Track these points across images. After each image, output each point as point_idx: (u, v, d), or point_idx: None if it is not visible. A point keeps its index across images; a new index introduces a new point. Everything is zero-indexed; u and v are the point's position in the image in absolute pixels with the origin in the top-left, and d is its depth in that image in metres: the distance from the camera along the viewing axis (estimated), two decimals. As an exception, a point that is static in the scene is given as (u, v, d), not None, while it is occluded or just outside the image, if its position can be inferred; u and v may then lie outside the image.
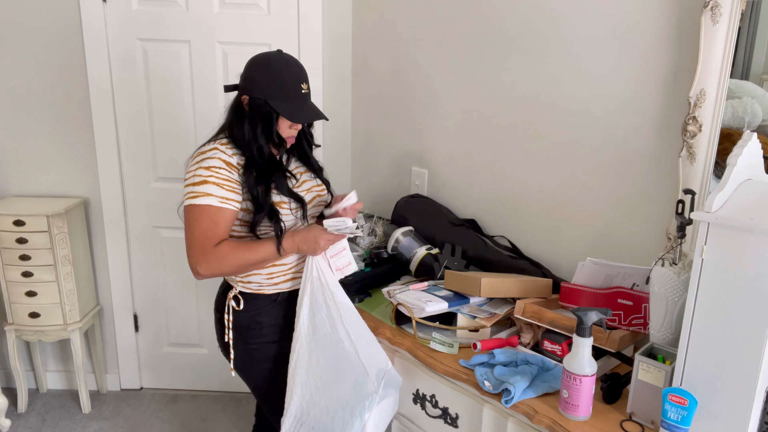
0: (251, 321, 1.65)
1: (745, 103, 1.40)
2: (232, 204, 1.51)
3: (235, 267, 1.53)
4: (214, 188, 1.49)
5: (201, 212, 1.49)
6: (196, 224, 1.49)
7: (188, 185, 1.52)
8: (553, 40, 1.77)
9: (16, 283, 2.45)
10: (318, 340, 1.59)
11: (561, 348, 1.48)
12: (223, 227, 1.51)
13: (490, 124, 2.00)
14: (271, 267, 1.63)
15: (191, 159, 1.56)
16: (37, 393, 2.81)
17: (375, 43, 2.39)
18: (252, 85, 1.54)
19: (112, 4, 2.37)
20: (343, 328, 1.57)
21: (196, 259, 1.50)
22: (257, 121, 1.54)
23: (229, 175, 1.51)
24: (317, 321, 1.58)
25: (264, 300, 1.66)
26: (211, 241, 1.49)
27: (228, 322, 1.66)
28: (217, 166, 1.50)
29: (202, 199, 1.48)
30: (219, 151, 1.53)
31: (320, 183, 1.73)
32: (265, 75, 1.54)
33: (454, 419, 1.53)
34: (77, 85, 2.47)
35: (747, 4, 1.35)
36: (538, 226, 1.92)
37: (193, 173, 1.51)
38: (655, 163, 1.59)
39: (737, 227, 1.09)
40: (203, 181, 1.49)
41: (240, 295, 1.65)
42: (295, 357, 1.59)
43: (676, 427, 1.19)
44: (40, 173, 2.58)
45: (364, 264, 2.00)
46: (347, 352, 1.57)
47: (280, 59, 1.56)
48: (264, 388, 1.73)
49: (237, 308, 1.65)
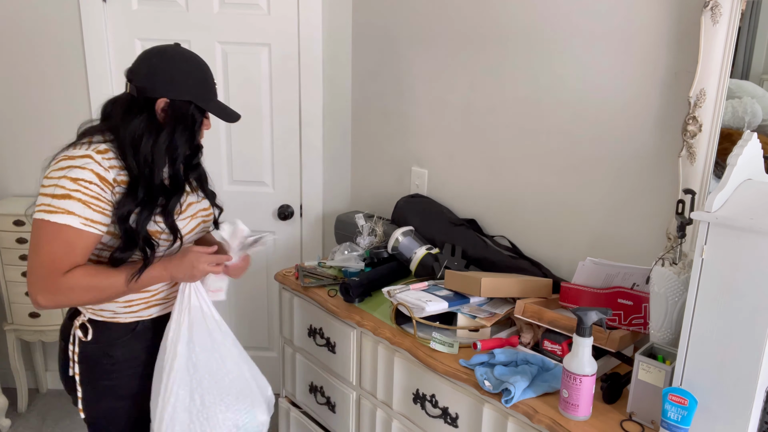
0: (102, 354, 1.40)
1: (745, 103, 1.40)
2: (97, 228, 1.26)
3: (85, 300, 1.30)
4: (78, 206, 1.22)
5: (56, 232, 1.22)
6: (47, 245, 1.23)
7: (45, 195, 1.24)
8: (553, 41, 1.77)
9: (16, 283, 2.44)
10: (201, 377, 1.40)
11: (561, 348, 1.48)
12: (80, 253, 1.25)
13: (491, 124, 2.00)
14: (128, 296, 1.40)
15: (54, 161, 1.28)
16: (37, 393, 2.81)
17: (375, 43, 2.39)
18: (170, 86, 1.30)
19: (112, 4, 2.37)
20: (232, 360, 1.45)
21: (38, 286, 1.23)
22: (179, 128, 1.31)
23: (101, 193, 1.25)
24: (200, 357, 1.40)
25: (118, 330, 1.41)
26: (61, 268, 1.24)
27: (73, 354, 1.40)
28: (88, 180, 1.24)
29: (61, 216, 1.22)
30: (93, 161, 1.25)
31: (207, 205, 1.51)
32: (186, 72, 1.33)
33: (454, 419, 1.53)
34: (77, 84, 2.46)
35: (747, 4, 1.35)
36: (538, 226, 1.92)
37: (54, 183, 1.24)
38: (655, 163, 1.59)
39: (737, 227, 1.09)
40: (66, 195, 1.22)
41: (88, 323, 1.40)
42: (172, 400, 1.37)
43: (676, 427, 1.19)
44: (40, 173, 2.57)
45: (364, 264, 2.00)
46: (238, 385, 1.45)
47: (194, 55, 1.37)
48: (105, 427, 1.48)
49: (84, 338, 1.39)
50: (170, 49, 1.36)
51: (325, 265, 2.07)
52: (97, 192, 1.25)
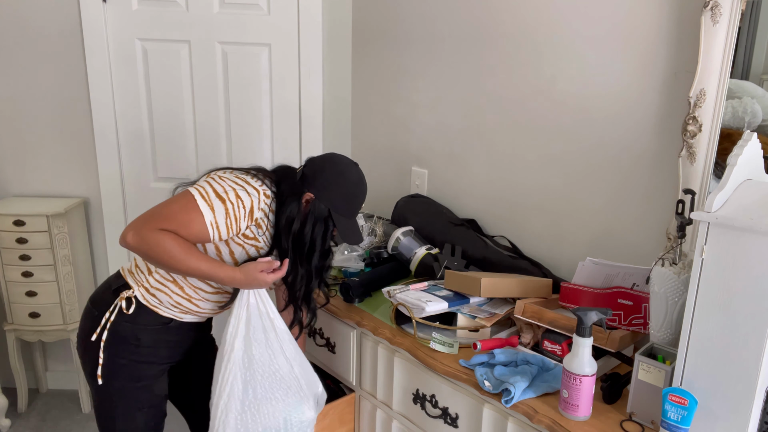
0: (131, 334, 1.51)
1: (745, 103, 1.40)
2: (215, 234, 1.42)
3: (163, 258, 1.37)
4: (221, 211, 1.40)
5: (191, 209, 1.39)
6: (175, 208, 1.39)
7: (209, 185, 1.43)
8: (554, 40, 1.77)
9: (16, 283, 2.45)
10: (255, 370, 1.50)
11: (561, 348, 1.48)
12: (187, 234, 1.39)
13: (490, 124, 2.00)
14: (185, 300, 1.53)
15: (234, 171, 1.49)
16: (37, 393, 2.81)
17: (375, 43, 2.39)
18: (323, 189, 1.50)
19: (112, 4, 2.37)
20: (284, 357, 1.53)
21: (136, 224, 1.36)
22: (317, 223, 1.51)
23: (241, 219, 1.43)
24: (254, 351, 1.50)
25: (155, 319, 1.52)
26: (165, 226, 1.36)
27: (106, 322, 1.49)
28: (244, 205, 1.43)
29: (204, 206, 1.39)
30: (258, 197, 1.45)
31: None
32: (341, 187, 1.52)
33: (454, 419, 1.53)
34: (77, 85, 2.47)
35: (747, 4, 1.34)
36: (538, 226, 1.92)
37: (224, 185, 1.43)
38: (655, 163, 1.59)
39: (737, 227, 1.09)
40: (223, 199, 1.41)
41: (134, 299, 1.50)
42: (227, 389, 1.48)
43: (676, 427, 1.19)
44: (40, 173, 2.58)
45: (364, 264, 2.00)
46: (287, 381, 1.53)
47: (360, 178, 1.56)
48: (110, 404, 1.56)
49: (126, 311, 1.49)
50: (344, 162, 1.57)
51: (325, 265, 2.07)
52: (241, 215, 1.42)
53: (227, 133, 2.52)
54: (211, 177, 1.46)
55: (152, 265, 1.52)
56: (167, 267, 1.41)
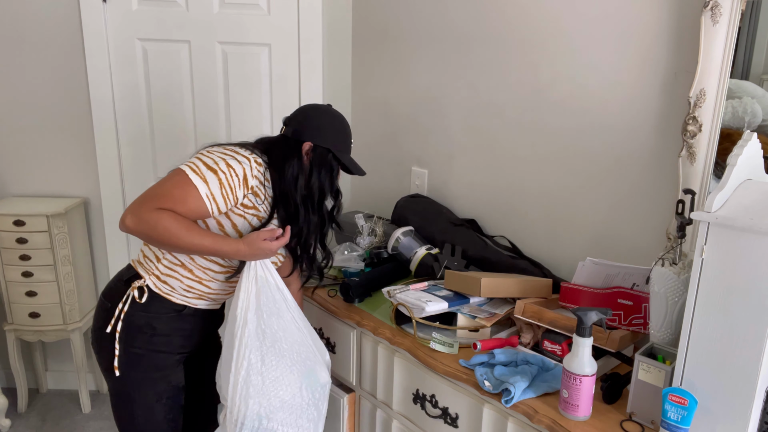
0: (145, 323, 1.51)
1: (745, 103, 1.40)
2: (213, 207, 1.41)
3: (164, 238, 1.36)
4: (215, 182, 1.39)
5: (184, 185, 1.38)
6: (169, 185, 1.39)
7: (198, 159, 1.43)
8: (553, 40, 1.77)
9: (16, 283, 2.45)
10: (270, 342, 1.49)
11: (561, 348, 1.48)
12: (185, 210, 1.38)
13: (491, 124, 2.00)
14: (196, 282, 1.53)
15: (221, 145, 1.48)
16: (37, 393, 2.81)
17: (375, 43, 2.39)
18: (317, 133, 1.53)
19: (112, 4, 2.37)
20: (295, 326, 1.55)
21: (133, 207, 1.35)
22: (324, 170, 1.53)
23: (236, 188, 1.43)
24: (268, 323, 1.49)
25: (168, 306, 1.52)
26: (163, 206, 1.35)
27: (120, 313, 1.49)
28: (237, 173, 1.42)
29: (197, 179, 1.38)
30: (249, 164, 1.45)
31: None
32: (331, 125, 1.55)
33: (454, 419, 1.53)
34: (77, 85, 2.47)
35: (747, 4, 1.35)
36: (538, 226, 1.92)
37: (214, 157, 1.43)
38: (655, 163, 1.59)
39: (737, 227, 1.09)
40: (214, 170, 1.40)
41: (146, 288, 1.50)
42: (245, 364, 1.46)
43: (676, 427, 1.19)
44: (40, 173, 2.58)
45: (364, 264, 2.00)
46: (303, 349, 1.55)
47: (340, 115, 1.60)
48: (127, 397, 1.55)
49: (139, 300, 1.49)
50: (323, 105, 1.61)
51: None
52: (235, 184, 1.42)
53: (227, 133, 2.52)
54: (200, 153, 1.46)
55: (157, 250, 1.52)
56: (170, 246, 1.40)
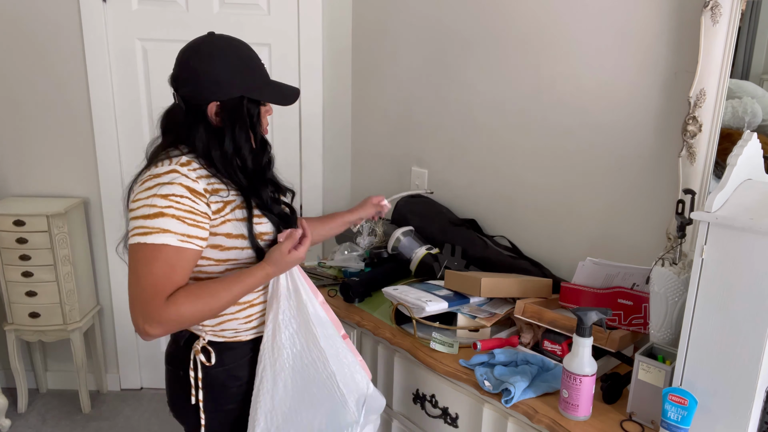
0: (227, 377, 1.32)
1: (745, 103, 1.40)
2: (195, 243, 1.18)
3: (195, 321, 1.21)
4: (173, 222, 1.15)
5: (154, 254, 1.14)
6: (147, 269, 1.15)
7: (137, 218, 1.16)
8: (553, 40, 1.77)
9: (16, 283, 2.45)
10: (284, 362, 1.32)
11: (561, 348, 1.48)
12: (181, 273, 1.17)
13: (490, 124, 2.00)
14: (248, 308, 1.33)
15: (138, 184, 1.21)
16: (37, 393, 2.81)
17: (375, 43, 2.39)
18: (216, 87, 1.21)
19: (112, 4, 2.37)
20: (317, 348, 1.32)
21: (144, 317, 1.14)
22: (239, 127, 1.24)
23: (194, 206, 1.18)
24: (283, 339, 1.31)
25: (242, 349, 1.34)
26: (165, 292, 1.15)
27: (196, 381, 1.31)
28: (178, 194, 1.17)
29: (156, 236, 1.14)
30: (179, 174, 1.18)
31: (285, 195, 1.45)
32: (228, 67, 1.21)
33: (454, 419, 1.53)
34: (77, 85, 2.47)
35: (747, 4, 1.35)
36: (538, 226, 1.92)
37: (143, 203, 1.16)
38: (655, 163, 1.59)
39: (737, 227, 1.09)
40: (159, 213, 1.15)
41: (210, 347, 1.31)
42: (257, 381, 1.32)
43: (676, 427, 1.19)
44: (40, 173, 2.58)
45: (364, 264, 2.00)
46: (322, 378, 1.32)
47: (228, 42, 1.24)
48: None
49: (207, 363, 1.30)
50: (204, 45, 1.23)
51: (325, 265, 2.07)
52: (189, 205, 1.18)
53: (227, 133, 2.52)
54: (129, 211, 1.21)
55: None
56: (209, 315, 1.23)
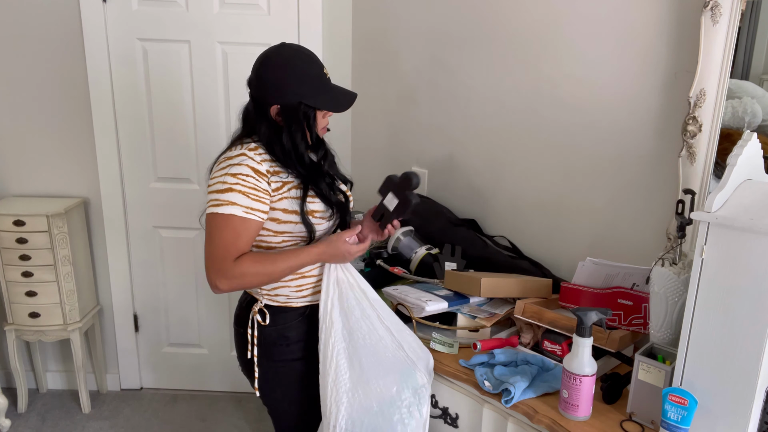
0: (278, 336, 1.55)
1: (745, 103, 1.40)
2: (258, 215, 1.41)
3: (256, 283, 1.45)
4: (239, 197, 1.39)
5: (224, 222, 1.39)
6: (218, 234, 1.40)
7: (212, 192, 1.42)
8: (554, 40, 1.77)
9: (16, 283, 2.44)
10: (356, 343, 1.49)
11: (561, 348, 1.48)
12: (245, 239, 1.41)
13: (491, 124, 2.00)
14: (300, 279, 1.53)
15: (216, 164, 1.47)
16: (37, 393, 2.81)
17: (375, 43, 2.39)
18: (278, 91, 1.43)
19: (112, 4, 2.37)
20: (382, 325, 1.51)
21: (215, 272, 1.40)
22: (295, 128, 1.44)
23: (257, 184, 1.41)
24: (352, 323, 1.49)
25: (292, 314, 1.55)
26: (232, 254, 1.40)
27: (252, 338, 1.55)
28: (245, 174, 1.40)
29: (225, 207, 1.39)
30: (247, 157, 1.42)
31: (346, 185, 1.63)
32: (290, 75, 1.43)
33: (454, 419, 1.53)
34: (77, 85, 2.46)
35: (747, 4, 1.35)
36: (538, 226, 1.92)
37: (218, 180, 1.42)
38: (655, 163, 1.59)
39: (737, 227, 1.09)
40: (228, 188, 1.39)
41: (266, 309, 1.54)
42: (334, 366, 1.48)
43: (676, 427, 1.19)
44: (40, 173, 2.58)
45: (364, 264, 2.00)
46: (392, 349, 1.50)
47: (294, 53, 1.46)
48: (285, 410, 1.63)
49: (263, 323, 1.54)
50: (274, 53, 1.46)
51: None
52: (254, 183, 1.40)
53: (227, 133, 2.52)
54: (208, 186, 1.46)
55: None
56: (265, 284, 1.48)
